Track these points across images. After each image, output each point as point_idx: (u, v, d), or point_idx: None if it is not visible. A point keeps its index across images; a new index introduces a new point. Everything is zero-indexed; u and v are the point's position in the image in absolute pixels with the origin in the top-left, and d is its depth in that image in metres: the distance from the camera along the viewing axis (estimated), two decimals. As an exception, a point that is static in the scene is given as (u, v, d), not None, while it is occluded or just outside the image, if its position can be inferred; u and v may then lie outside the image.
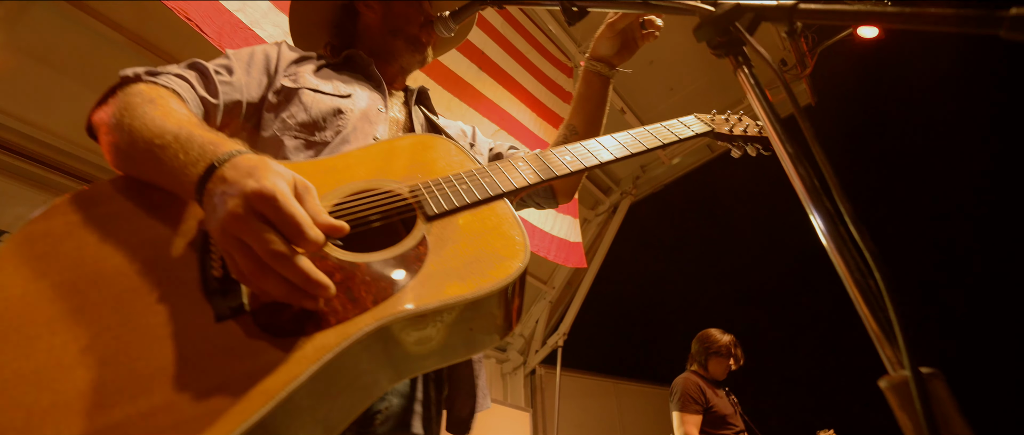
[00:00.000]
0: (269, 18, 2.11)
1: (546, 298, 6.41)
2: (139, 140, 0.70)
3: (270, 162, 0.62)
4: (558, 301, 6.51)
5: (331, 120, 1.00)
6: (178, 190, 0.67)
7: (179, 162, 0.65)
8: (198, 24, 1.85)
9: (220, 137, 0.69)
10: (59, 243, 0.63)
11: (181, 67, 0.96)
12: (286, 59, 1.11)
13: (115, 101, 0.80)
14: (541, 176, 0.89)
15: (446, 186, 0.80)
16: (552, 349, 6.06)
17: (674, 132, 1.10)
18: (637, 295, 7.64)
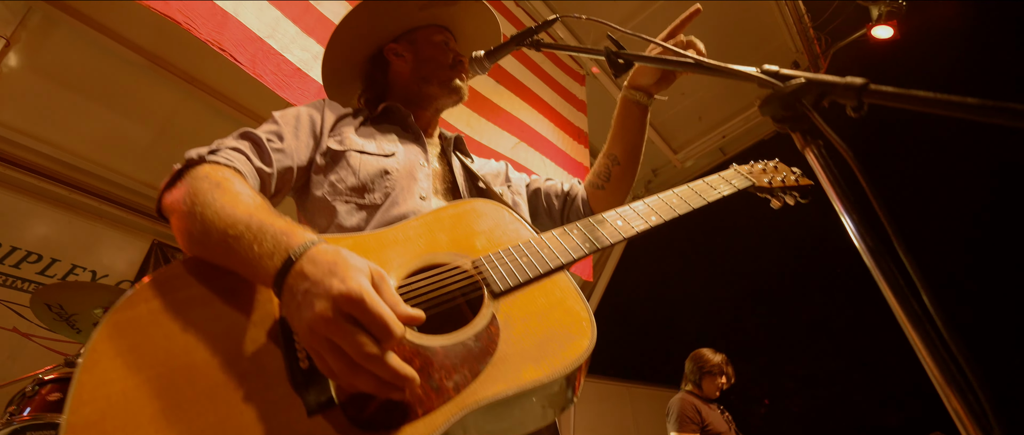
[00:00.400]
0: (297, 43, 2.14)
1: (559, 303, 6.42)
2: (212, 230, 0.72)
3: (345, 255, 0.63)
4: (571, 306, 6.52)
5: (379, 182, 1.02)
6: (254, 279, 0.70)
7: (254, 253, 0.67)
8: (232, 54, 1.88)
9: (290, 225, 0.71)
10: (147, 333, 0.65)
11: (235, 138, 0.99)
12: (330, 119, 1.13)
13: (184, 186, 0.83)
14: (596, 246, 0.90)
15: (508, 259, 0.82)
16: (566, 355, 6.08)
17: (718, 189, 1.10)
18: (650, 299, 7.63)
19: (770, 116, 0.67)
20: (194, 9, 1.75)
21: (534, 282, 0.80)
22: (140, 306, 0.68)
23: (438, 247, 0.83)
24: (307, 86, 2.09)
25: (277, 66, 1.98)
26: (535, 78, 3.93)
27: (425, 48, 1.31)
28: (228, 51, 1.84)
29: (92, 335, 0.65)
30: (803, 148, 0.64)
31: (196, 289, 0.71)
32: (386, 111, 1.23)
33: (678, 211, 1.01)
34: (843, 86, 0.63)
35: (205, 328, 0.67)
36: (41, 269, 3.39)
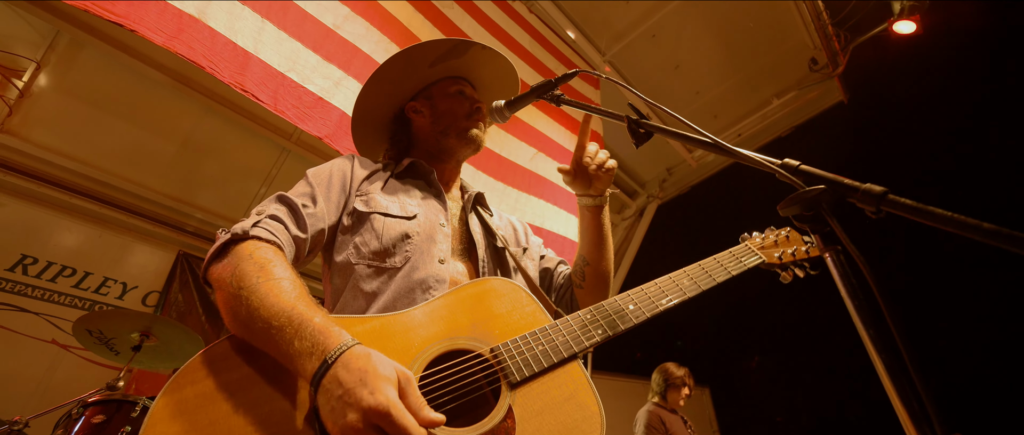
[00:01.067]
0: (319, 71, 2.18)
1: (574, 302, 6.47)
2: (256, 318, 0.77)
3: (375, 363, 0.68)
4: (586, 305, 6.56)
5: (400, 246, 1.06)
6: (291, 370, 0.75)
7: (293, 349, 0.72)
8: (254, 93, 1.93)
9: (326, 324, 0.76)
10: (196, 417, 0.70)
11: (274, 203, 1.03)
12: (358, 177, 1.17)
13: (230, 265, 0.86)
14: (609, 333, 0.92)
15: (524, 347, 0.85)
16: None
17: (729, 269, 1.09)
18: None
19: (791, 215, 0.69)
20: (218, 53, 1.80)
21: (549, 371, 0.83)
22: (187, 389, 0.73)
23: (460, 331, 0.87)
24: (328, 114, 2.14)
25: (298, 98, 2.02)
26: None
27: (441, 101, 1.34)
28: (251, 92, 1.89)
29: (145, 421, 0.71)
30: (822, 251, 0.67)
31: (239, 372, 0.76)
32: (410, 167, 1.26)
33: (689, 293, 1.02)
34: (863, 192, 0.65)
35: (249, 414, 0.72)
36: (76, 283, 3.52)
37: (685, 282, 1.03)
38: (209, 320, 3.92)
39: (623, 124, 1.03)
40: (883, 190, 0.63)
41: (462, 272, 1.13)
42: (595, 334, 0.91)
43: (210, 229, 4.17)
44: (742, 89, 5.60)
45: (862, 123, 5.87)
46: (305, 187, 1.11)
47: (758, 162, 0.77)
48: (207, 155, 3.97)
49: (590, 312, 0.95)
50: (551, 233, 3.46)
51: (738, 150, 0.80)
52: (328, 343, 0.72)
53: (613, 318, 0.94)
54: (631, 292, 1.01)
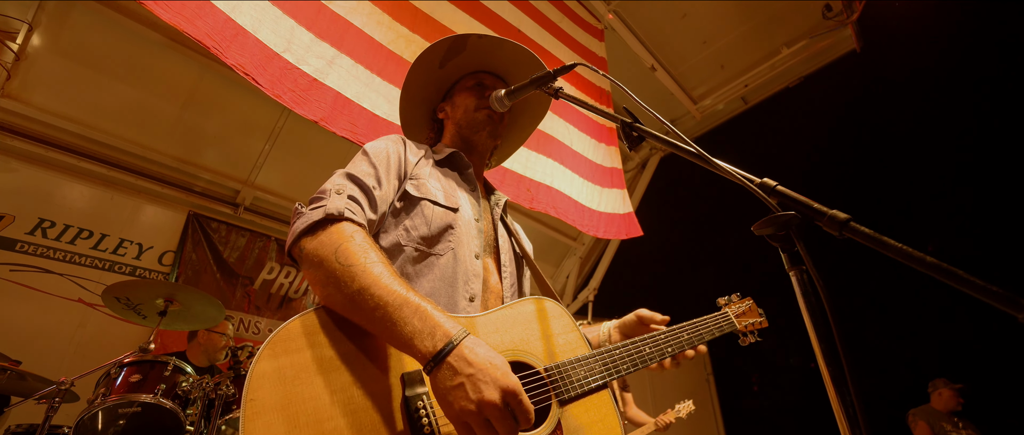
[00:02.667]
0: (313, 51, 2.17)
1: (576, 254, 6.62)
2: (369, 296, 0.83)
3: (497, 355, 0.81)
4: (587, 256, 6.73)
5: (444, 235, 1.13)
6: (399, 347, 0.83)
7: (412, 327, 0.80)
8: (254, 77, 1.93)
9: (443, 311, 0.85)
10: (296, 391, 0.78)
11: (348, 183, 1.07)
12: (410, 161, 1.22)
13: (331, 242, 0.91)
14: (632, 370, 1.12)
15: (571, 371, 1.01)
16: (583, 304, 6.35)
17: (713, 332, 1.33)
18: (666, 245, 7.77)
19: (765, 235, 0.75)
20: (221, 33, 1.78)
21: (588, 394, 1.01)
22: (283, 359, 0.79)
23: (521, 344, 1.01)
24: (323, 97, 2.15)
25: (294, 82, 2.02)
26: (555, 40, 3.84)
27: (459, 97, 1.39)
28: (252, 75, 1.89)
29: (249, 381, 0.77)
30: (788, 269, 0.73)
31: (335, 349, 0.84)
32: (450, 157, 1.32)
33: (686, 347, 1.24)
34: (829, 218, 0.71)
35: (345, 395, 0.80)
36: (94, 244, 3.65)
37: (684, 336, 1.25)
38: (223, 278, 4.09)
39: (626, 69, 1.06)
40: (846, 217, 0.69)
41: (490, 269, 1.21)
42: (622, 368, 1.09)
43: (218, 189, 4.25)
44: (751, 38, 5.43)
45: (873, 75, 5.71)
46: (368, 167, 1.13)
47: (739, 178, 0.82)
48: (209, 114, 3.97)
49: (620, 348, 1.12)
50: (557, 191, 3.51)
51: (721, 164, 0.85)
52: (450, 327, 0.81)
53: (635, 359, 1.13)
54: (647, 338, 1.19)
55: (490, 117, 1.35)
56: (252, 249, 4.33)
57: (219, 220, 4.21)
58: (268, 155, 4.28)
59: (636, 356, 1.13)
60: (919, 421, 5.06)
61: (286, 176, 4.45)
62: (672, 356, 1.20)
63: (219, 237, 4.16)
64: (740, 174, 0.82)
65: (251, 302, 4.20)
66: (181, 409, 2.13)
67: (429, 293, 1.07)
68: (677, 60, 5.61)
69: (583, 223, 3.63)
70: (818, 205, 0.73)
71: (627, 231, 4.08)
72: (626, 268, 7.03)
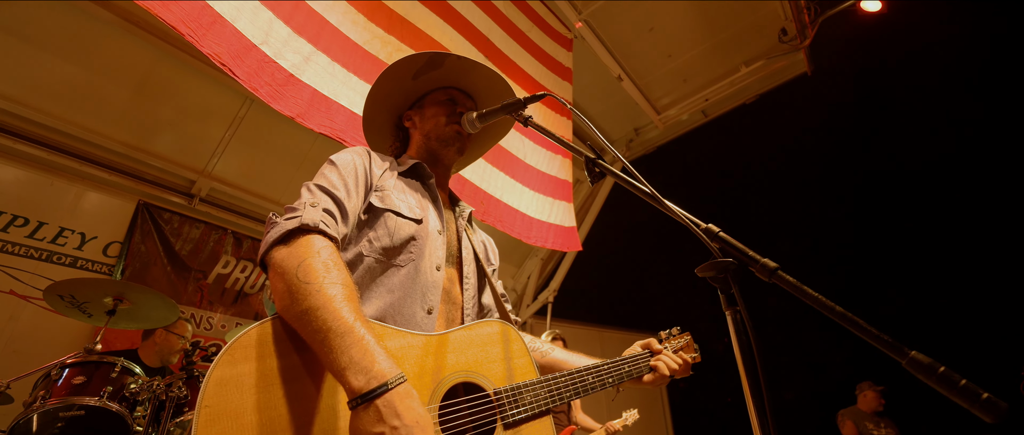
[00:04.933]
0: (290, 46, 2.13)
1: (538, 256, 6.73)
2: (316, 318, 0.83)
3: (424, 413, 0.81)
4: (549, 258, 6.85)
5: (406, 246, 1.15)
6: (334, 373, 0.82)
7: (347, 359, 0.80)
8: (231, 68, 1.88)
9: (383, 349, 0.85)
10: (251, 398, 0.79)
11: (322, 195, 1.08)
12: (375, 173, 1.24)
13: (296, 255, 0.92)
14: (576, 398, 1.20)
15: (518, 396, 1.07)
16: (542, 305, 6.47)
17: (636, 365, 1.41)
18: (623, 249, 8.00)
19: (707, 277, 0.84)
20: (197, 20, 1.73)
21: (532, 419, 1.07)
22: (242, 366, 0.80)
23: (473, 367, 1.06)
24: (300, 93, 2.12)
25: (272, 76, 1.98)
26: (521, 50, 3.89)
27: (429, 108, 1.42)
28: (228, 65, 1.84)
29: (205, 387, 0.77)
30: (725, 309, 0.82)
31: (293, 359, 0.85)
32: (413, 168, 1.34)
33: (626, 378, 1.36)
34: (761, 265, 0.80)
35: (300, 406, 0.82)
36: (30, 233, 3.44)
37: (625, 368, 1.37)
38: (174, 271, 3.93)
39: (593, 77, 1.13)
40: (775, 266, 0.79)
41: (451, 279, 1.24)
42: (566, 396, 1.16)
43: (171, 178, 4.07)
44: (713, 54, 5.66)
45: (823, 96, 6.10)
46: (338, 178, 1.14)
47: (687, 221, 0.90)
48: (163, 101, 3.79)
49: (565, 377, 1.20)
50: (507, 205, 3.58)
51: (672, 207, 0.93)
52: (387, 369, 0.81)
53: (578, 388, 1.21)
54: (591, 369, 1.28)
55: (459, 134, 1.39)
56: (207, 242, 4.19)
57: (172, 211, 4.04)
58: (227, 145, 4.13)
59: (580, 385, 1.21)
60: (847, 421, 5.47)
61: (246, 167, 4.32)
62: (614, 385, 1.30)
63: (171, 228, 4.00)
64: (688, 218, 0.90)
65: (204, 297, 4.06)
66: (128, 412, 2.07)
67: (387, 304, 1.09)
68: (643, 71, 5.79)
69: (530, 235, 3.72)
70: (752, 253, 0.82)
71: (569, 245, 4.22)
72: (587, 271, 7.21)
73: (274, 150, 4.31)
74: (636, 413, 4.15)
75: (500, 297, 1.33)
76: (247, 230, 4.45)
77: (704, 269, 0.83)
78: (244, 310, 4.26)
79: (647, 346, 1.46)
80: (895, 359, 0.67)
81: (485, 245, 1.47)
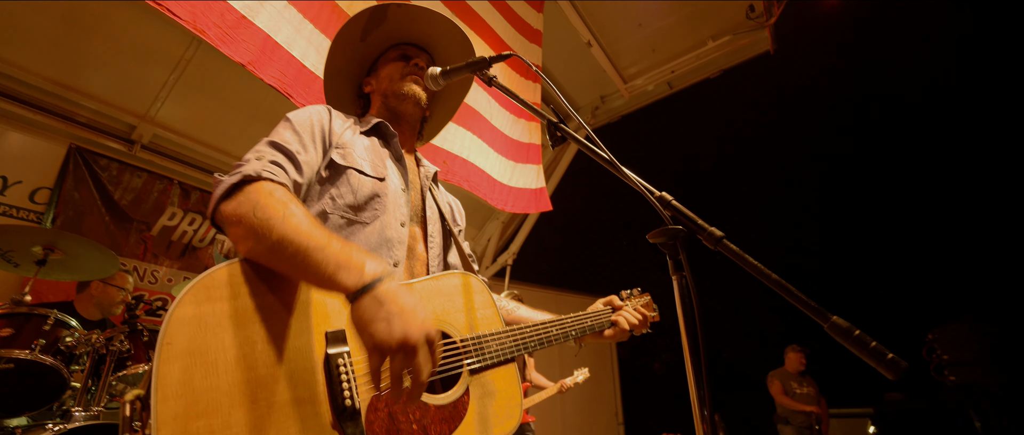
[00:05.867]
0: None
1: (499, 218, 6.76)
2: (290, 243, 0.84)
3: (411, 295, 0.86)
4: (510, 221, 6.90)
5: (369, 205, 1.14)
6: (324, 285, 0.84)
7: (337, 264, 0.83)
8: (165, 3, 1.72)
9: (361, 252, 0.87)
10: (218, 337, 0.77)
11: (270, 149, 1.04)
12: (336, 130, 1.20)
13: (248, 202, 0.90)
14: (539, 347, 1.23)
15: (484, 345, 1.10)
16: (502, 267, 6.56)
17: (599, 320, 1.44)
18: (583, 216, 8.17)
19: (657, 243, 0.87)
20: None
21: (496, 366, 1.10)
22: (206, 306, 0.78)
23: (447, 315, 1.09)
24: (252, 38, 1.97)
25: (221, 16, 1.83)
26: (490, 8, 3.76)
27: (383, 69, 1.37)
28: (165, 3, 1.68)
29: (168, 325, 0.74)
30: (672, 274, 0.86)
31: (260, 300, 0.84)
32: (376, 127, 1.30)
33: (589, 332, 1.38)
34: (708, 233, 0.84)
35: (266, 346, 0.81)
36: (-57, 174, 3.13)
37: (587, 323, 1.39)
38: (113, 222, 3.71)
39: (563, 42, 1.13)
40: (721, 235, 0.83)
41: (415, 237, 1.24)
42: (531, 345, 1.20)
43: (108, 122, 3.77)
44: (682, 26, 5.68)
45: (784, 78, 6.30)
46: (292, 134, 1.11)
47: (642, 188, 0.93)
48: (93, 35, 3.45)
49: (530, 329, 1.22)
50: (473, 165, 3.55)
51: (629, 174, 0.96)
52: (378, 267, 0.85)
53: (543, 339, 1.24)
54: (555, 322, 1.31)
55: (416, 83, 1.36)
56: (150, 192, 3.95)
57: (110, 157, 3.77)
58: (172, 89, 3.84)
59: (544, 336, 1.25)
60: (775, 380, 5.97)
61: (193, 114, 4.04)
62: (575, 339, 1.34)
63: (109, 176, 3.74)
64: (643, 185, 0.93)
65: (148, 249, 3.87)
66: (65, 365, 1.98)
67: None
68: (613, 38, 5.75)
69: (494, 197, 3.73)
70: (701, 221, 0.86)
71: (536, 205, 4.25)
72: (546, 235, 7.33)
73: (226, 98, 4.05)
74: (587, 372, 4.37)
75: (467, 257, 1.34)
76: (195, 181, 4.22)
77: (655, 235, 0.87)
78: (192, 264, 4.10)
79: (609, 303, 1.52)
80: (819, 323, 0.73)
81: (451, 206, 1.47)
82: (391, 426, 0.90)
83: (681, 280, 0.85)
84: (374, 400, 0.90)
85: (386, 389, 0.85)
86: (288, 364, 0.83)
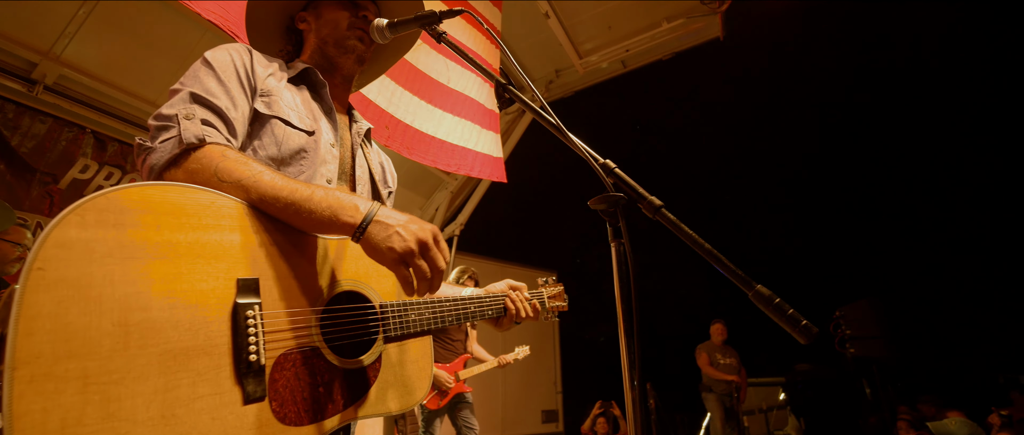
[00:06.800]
0: None
1: (448, 188, 6.69)
2: (271, 198, 0.88)
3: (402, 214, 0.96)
4: (458, 191, 6.84)
5: (296, 158, 1.06)
6: (322, 229, 0.92)
7: (331, 209, 0.90)
8: None
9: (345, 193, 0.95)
10: (108, 268, 0.67)
11: (198, 107, 0.95)
12: (259, 75, 1.09)
13: (204, 167, 0.87)
14: (457, 324, 1.23)
15: (403, 313, 1.07)
16: (449, 237, 6.52)
17: (534, 303, 1.44)
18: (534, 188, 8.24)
19: (598, 209, 0.88)
20: None
21: (412, 336, 1.08)
22: (96, 231, 0.67)
23: (368, 279, 1.04)
24: None
25: None
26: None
27: (328, 12, 1.25)
28: None
29: (41, 248, 0.63)
30: (611, 240, 0.88)
31: (163, 234, 0.73)
32: (304, 73, 1.20)
33: (501, 314, 1.36)
34: (647, 202, 0.86)
35: (165, 287, 0.71)
36: None
37: (499, 305, 1.36)
38: (11, 171, 3.31)
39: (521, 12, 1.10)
40: (660, 204, 0.85)
41: None
42: (448, 319, 1.17)
43: (3, 58, 3.31)
44: (639, 6, 5.72)
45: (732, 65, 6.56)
46: (217, 83, 1.00)
47: (586, 154, 0.93)
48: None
49: (450, 303, 1.19)
50: (418, 131, 3.45)
51: (575, 140, 0.95)
52: (364, 201, 0.93)
53: (460, 315, 1.22)
54: (474, 299, 1.28)
55: (362, 39, 1.26)
56: (57, 140, 3.54)
57: (5, 98, 3.33)
58: (82, 25, 3.41)
59: (462, 313, 1.23)
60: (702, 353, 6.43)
61: (108, 55, 3.63)
62: (492, 319, 1.35)
63: (4, 120, 3.31)
64: (587, 152, 0.93)
65: (54, 203, 3.50)
66: (-50, 326, 1.76)
67: None
68: (571, 12, 5.71)
69: (450, 162, 3.66)
70: (641, 190, 0.87)
71: (496, 175, 4.23)
72: (494, 206, 7.34)
73: (147, 38, 3.65)
74: (528, 350, 4.48)
75: None
76: (112, 131, 3.82)
77: (596, 201, 0.87)
78: (108, 222, 3.75)
79: (515, 288, 1.52)
80: (744, 290, 0.76)
81: (383, 166, 1.40)
82: (296, 385, 0.84)
83: (619, 247, 0.87)
84: (281, 358, 0.83)
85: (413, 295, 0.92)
86: (189, 310, 0.73)
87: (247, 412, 0.76)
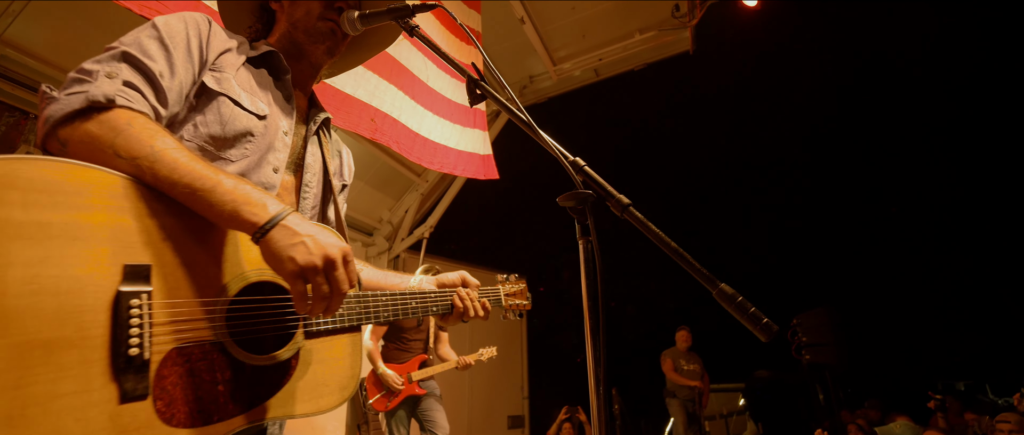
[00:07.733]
0: None
1: (418, 190, 6.60)
2: (171, 183, 0.79)
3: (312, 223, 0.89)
4: (429, 194, 6.75)
5: (239, 142, 1.00)
6: (224, 221, 0.83)
7: (236, 201, 0.82)
8: None
9: (254, 187, 0.87)
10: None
11: (124, 66, 0.87)
12: (215, 48, 1.02)
13: (103, 135, 0.79)
14: (392, 319, 1.14)
15: None
16: (418, 239, 6.43)
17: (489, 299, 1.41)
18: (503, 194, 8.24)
19: (567, 206, 0.87)
20: None
21: (339, 333, 0.99)
22: None
23: None
24: None
25: None
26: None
27: None
28: None
29: None
30: (579, 238, 0.87)
31: (33, 212, 0.65)
32: (267, 56, 1.15)
33: (450, 310, 1.30)
34: (615, 200, 0.85)
35: (38, 269, 0.64)
36: None
37: (447, 301, 1.31)
38: (-58, 154, 3.06)
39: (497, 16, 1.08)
40: (628, 202, 0.85)
41: (288, 187, 1.12)
42: (383, 315, 1.10)
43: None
44: (613, 15, 5.82)
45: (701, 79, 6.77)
46: (158, 48, 0.93)
47: (556, 152, 0.92)
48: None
49: (386, 297, 1.14)
50: (404, 126, 3.39)
51: (545, 137, 0.94)
52: (272, 201, 0.85)
53: (399, 310, 1.15)
54: (417, 294, 1.23)
55: (333, 32, 1.21)
56: (-7, 123, 3.30)
57: (-64, 75, 3.08)
58: (28, 2, 3.20)
59: (401, 308, 1.16)
60: (667, 359, 6.55)
61: (55, 35, 3.41)
62: (438, 316, 1.29)
63: (-65, 99, 3.06)
64: (558, 149, 0.92)
65: (-12, 192, 3.25)
66: None
67: None
68: (546, 19, 5.76)
69: (434, 161, 3.60)
70: (610, 188, 0.87)
71: (484, 172, 4.18)
72: (465, 210, 7.30)
73: (99, 18, 3.46)
74: (494, 350, 4.40)
75: (341, 218, 1.23)
76: (57, 116, 3.59)
77: (565, 199, 0.86)
78: (50, 213, 3.52)
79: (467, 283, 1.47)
80: (708, 289, 0.77)
81: (340, 156, 1.35)
82: (189, 383, 0.77)
83: (587, 244, 0.86)
84: (174, 353, 0.76)
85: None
86: (57, 297, 0.66)
87: (122, 412, 0.68)
